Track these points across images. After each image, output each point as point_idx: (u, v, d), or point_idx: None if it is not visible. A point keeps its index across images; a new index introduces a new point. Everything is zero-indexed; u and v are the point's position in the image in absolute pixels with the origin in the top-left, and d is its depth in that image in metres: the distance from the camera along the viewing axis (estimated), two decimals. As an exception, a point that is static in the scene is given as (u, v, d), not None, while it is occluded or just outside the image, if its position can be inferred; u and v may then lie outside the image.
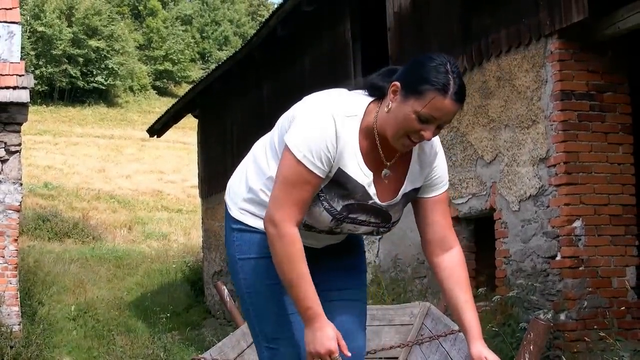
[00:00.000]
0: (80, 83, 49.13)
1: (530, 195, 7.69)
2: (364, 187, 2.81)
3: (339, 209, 2.84)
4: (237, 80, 14.15)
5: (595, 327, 7.07)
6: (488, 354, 2.84)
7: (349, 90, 2.87)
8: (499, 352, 6.79)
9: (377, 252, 10.22)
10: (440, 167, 2.92)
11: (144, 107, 50.95)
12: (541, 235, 7.55)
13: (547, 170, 7.49)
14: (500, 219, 8.14)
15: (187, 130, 34.20)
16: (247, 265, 2.99)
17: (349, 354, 2.81)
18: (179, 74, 57.65)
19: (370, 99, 2.81)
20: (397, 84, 2.69)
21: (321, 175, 2.75)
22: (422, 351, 5.55)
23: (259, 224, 2.92)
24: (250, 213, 2.98)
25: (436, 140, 2.88)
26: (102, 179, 30.99)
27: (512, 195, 7.95)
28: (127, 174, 32.22)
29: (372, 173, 2.81)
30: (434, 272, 3.00)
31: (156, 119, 18.13)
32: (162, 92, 56.14)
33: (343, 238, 3.10)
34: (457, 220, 8.89)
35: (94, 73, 49.77)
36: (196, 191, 19.25)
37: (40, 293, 13.98)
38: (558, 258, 7.36)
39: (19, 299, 11.50)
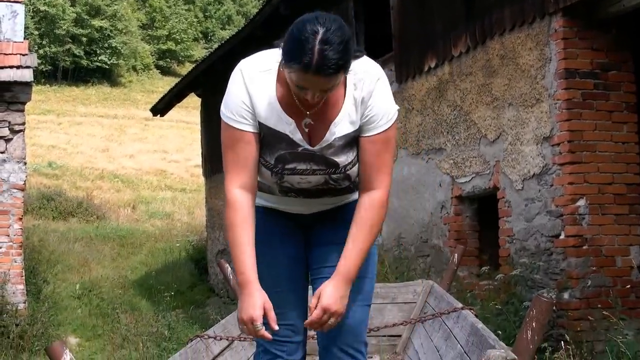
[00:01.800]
0: (84, 62, 49.01)
1: (534, 174, 7.67)
2: (287, 134, 2.82)
3: (272, 161, 2.87)
4: (240, 59, 14.04)
5: (599, 306, 7.05)
6: (327, 294, 2.79)
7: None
8: (503, 331, 6.83)
9: (380, 230, 10.13)
10: (377, 106, 2.82)
11: (147, 86, 50.83)
12: (545, 214, 7.53)
13: (551, 149, 7.46)
14: (503, 197, 8.12)
15: (190, 110, 34.16)
16: None
17: (276, 327, 2.77)
18: (182, 53, 57.48)
19: None
20: (279, 50, 2.72)
21: (250, 130, 2.81)
22: (425, 329, 5.62)
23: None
24: None
25: (371, 79, 2.82)
26: (106, 159, 30.99)
27: (515, 174, 7.93)
28: (131, 153, 32.20)
29: (293, 120, 2.81)
30: None
31: (159, 98, 18.10)
32: (165, 71, 55.99)
33: (332, 203, 3.05)
34: (460, 199, 8.91)
35: (98, 52, 49.66)
36: (200, 170, 19.25)
37: (45, 272, 13.97)
38: (562, 237, 7.34)
39: (24, 278, 11.51)
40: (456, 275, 7.24)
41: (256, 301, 2.75)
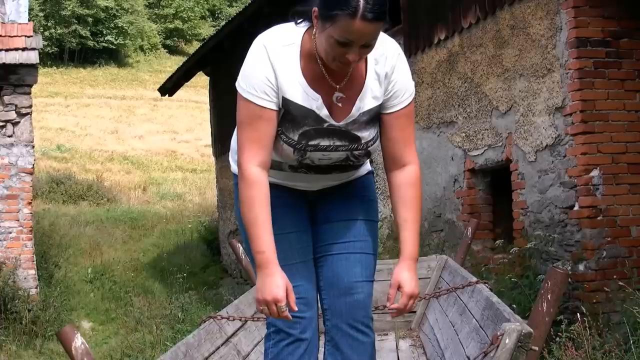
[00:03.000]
0: (90, 43, 48.78)
1: (547, 145, 7.62)
2: (313, 111, 2.79)
3: (296, 138, 2.82)
4: (248, 36, 13.96)
5: (614, 277, 7.03)
6: (406, 280, 2.82)
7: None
8: (518, 304, 6.79)
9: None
10: (400, 81, 2.84)
11: (155, 66, 50.66)
12: (558, 186, 7.49)
13: (564, 119, 7.40)
14: (516, 170, 8.08)
15: (199, 89, 34.10)
16: None
17: (296, 308, 2.75)
18: (189, 31, 57.18)
19: (306, 27, 2.78)
20: (316, 9, 2.65)
21: (272, 107, 2.75)
22: (439, 304, 5.61)
23: None
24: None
25: (392, 53, 2.83)
26: (115, 140, 30.93)
27: (528, 146, 7.88)
28: (140, 134, 32.13)
29: (319, 96, 2.77)
30: (389, 189, 2.96)
31: (167, 77, 18.03)
32: (172, 50, 55.77)
33: (339, 179, 3.04)
34: (473, 172, 8.88)
35: (104, 33, 49.39)
36: (210, 150, 19.18)
37: (57, 256, 13.97)
38: (576, 208, 7.30)
39: (35, 263, 11.53)
40: (470, 250, 7.21)
41: (279, 281, 2.72)
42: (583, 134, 7.23)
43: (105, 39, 49.10)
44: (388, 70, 2.81)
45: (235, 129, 2.90)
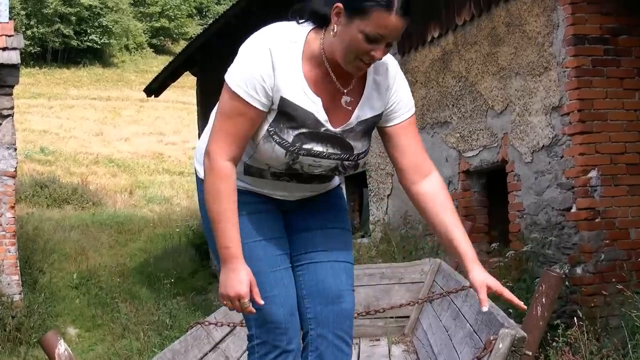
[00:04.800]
0: (74, 42, 48.46)
1: (544, 145, 7.55)
2: (312, 114, 2.73)
3: (290, 140, 2.75)
4: (236, 35, 13.84)
5: (613, 280, 6.95)
6: (492, 282, 2.76)
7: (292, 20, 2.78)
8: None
9: (387, 209, 10.12)
10: (401, 91, 2.83)
11: (140, 66, 50.49)
12: (555, 187, 7.43)
13: (561, 119, 7.34)
14: (512, 171, 8.02)
15: (186, 90, 33.97)
16: None
17: (262, 302, 2.72)
18: (176, 30, 57.00)
19: (309, 27, 2.73)
20: (340, 5, 2.58)
21: (258, 107, 2.69)
22: (433, 308, 5.62)
23: None
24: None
25: (393, 63, 2.83)
26: (100, 143, 30.84)
27: (524, 146, 7.82)
28: (126, 136, 32.03)
29: (320, 99, 2.72)
30: (414, 202, 2.91)
31: (153, 78, 17.90)
32: (159, 50, 55.57)
33: (317, 190, 3.01)
34: (468, 174, 8.86)
35: (88, 32, 49.10)
36: (197, 152, 19.02)
37: (41, 261, 14.00)
38: (573, 210, 7.23)
39: (18, 268, 11.48)
40: None
41: (242, 277, 2.70)
42: (581, 134, 7.16)
43: (90, 38, 48.79)
44: (390, 81, 2.80)
45: (208, 126, 2.86)
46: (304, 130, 2.74)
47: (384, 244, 9.44)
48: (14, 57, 11.10)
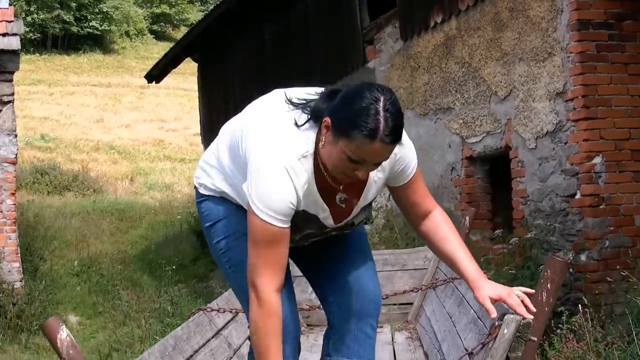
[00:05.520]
0: (74, 29, 48.32)
1: (547, 131, 7.52)
2: (321, 222, 2.84)
3: (297, 239, 2.84)
4: (237, 21, 13.82)
5: (617, 267, 6.97)
6: (494, 294, 2.82)
7: (291, 98, 2.75)
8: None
9: (389, 195, 10.00)
10: (404, 156, 2.85)
11: (141, 52, 50.34)
12: (559, 173, 7.40)
13: (565, 104, 7.31)
14: (516, 157, 8.00)
15: (187, 76, 33.86)
16: (218, 227, 3.02)
17: None
18: (176, 16, 56.81)
19: (312, 132, 2.71)
20: (328, 120, 2.59)
21: (288, 226, 2.72)
22: (437, 295, 5.60)
23: (217, 184, 2.96)
24: (207, 178, 3.02)
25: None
26: (101, 129, 30.78)
27: (528, 132, 7.78)
28: (127, 123, 31.95)
29: (328, 208, 2.80)
30: (422, 239, 3.03)
31: (154, 64, 17.82)
32: (159, 36, 55.41)
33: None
34: (471, 160, 8.84)
35: (88, 18, 48.95)
36: (199, 139, 19.01)
37: (42, 248, 13.93)
38: (578, 196, 7.22)
39: (19, 255, 11.46)
40: (469, 240, 7.13)
41: None
42: (585, 120, 7.13)
43: (90, 24, 48.62)
44: (392, 158, 2.76)
45: (215, 143, 2.96)
46: (309, 231, 2.85)
47: (386, 231, 9.42)
48: (14, 43, 11.05)
